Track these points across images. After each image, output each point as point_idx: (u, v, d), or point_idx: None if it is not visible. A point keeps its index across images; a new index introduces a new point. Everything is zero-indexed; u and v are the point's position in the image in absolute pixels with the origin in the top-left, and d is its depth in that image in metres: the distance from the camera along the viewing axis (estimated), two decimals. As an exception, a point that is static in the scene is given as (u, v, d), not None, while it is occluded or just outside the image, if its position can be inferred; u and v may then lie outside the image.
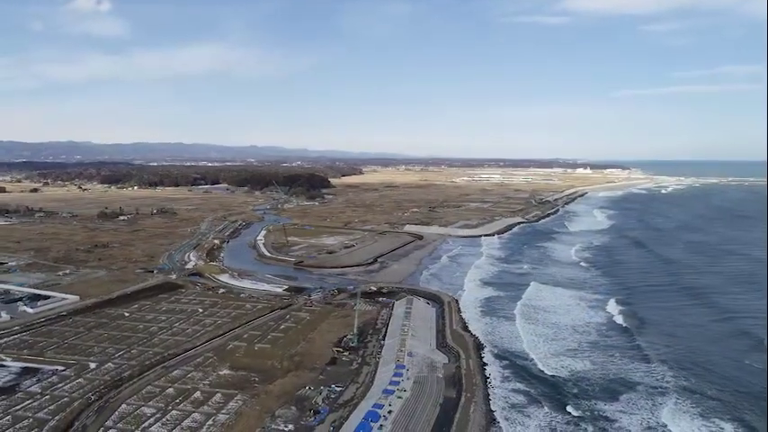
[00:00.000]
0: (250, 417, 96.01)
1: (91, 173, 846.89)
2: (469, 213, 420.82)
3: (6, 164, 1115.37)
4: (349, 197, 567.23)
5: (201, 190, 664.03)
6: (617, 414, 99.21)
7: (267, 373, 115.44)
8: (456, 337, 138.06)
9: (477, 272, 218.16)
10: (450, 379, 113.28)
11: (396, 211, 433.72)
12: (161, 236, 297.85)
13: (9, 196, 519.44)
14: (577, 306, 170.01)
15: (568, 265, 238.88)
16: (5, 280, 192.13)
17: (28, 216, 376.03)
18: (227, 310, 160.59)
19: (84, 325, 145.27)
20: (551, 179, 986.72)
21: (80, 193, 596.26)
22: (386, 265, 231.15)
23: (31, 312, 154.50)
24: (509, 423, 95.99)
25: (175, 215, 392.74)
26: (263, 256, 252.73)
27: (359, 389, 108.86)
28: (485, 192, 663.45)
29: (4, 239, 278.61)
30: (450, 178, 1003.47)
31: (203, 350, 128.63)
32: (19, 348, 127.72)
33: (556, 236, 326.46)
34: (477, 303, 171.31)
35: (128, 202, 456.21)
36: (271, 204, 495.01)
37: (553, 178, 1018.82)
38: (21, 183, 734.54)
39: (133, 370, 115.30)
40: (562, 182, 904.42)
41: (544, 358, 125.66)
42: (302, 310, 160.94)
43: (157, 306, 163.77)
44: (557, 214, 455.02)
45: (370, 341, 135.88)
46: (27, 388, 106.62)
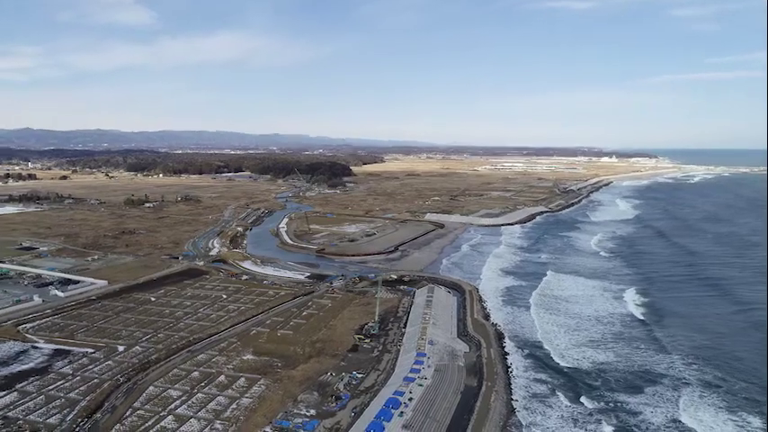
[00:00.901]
0: (273, 401, 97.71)
1: (118, 160, 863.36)
2: (491, 202, 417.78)
3: (37, 152, 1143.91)
4: (370, 185, 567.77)
5: (225, 178, 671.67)
6: (640, 406, 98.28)
7: (290, 358, 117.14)
8: (477, 326, 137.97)
9: (498, 261, 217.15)
10: (471, 368, 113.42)
11: (417, 199, 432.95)
12: (185, 223, 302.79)
13: (40, 183, 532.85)
14: (600, 297, 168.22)
15: (591, 255, 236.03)
16: (37, 265, 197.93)
17: (58, 203, 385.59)
18: (250, 296, 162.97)
19: (112, 309, 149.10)
20: (575, 168, 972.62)
21: (107, 181, 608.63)
22: (407, 254, 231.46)
23: (62, 296, 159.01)
24: (530, 412, 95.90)
25: (199, 202, 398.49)
26: (285, 243, 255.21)
27: (380, 376, 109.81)
28: (507, 180, 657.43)
29: (36, 225, 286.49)
30: (473, 167, 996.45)
31: (227, 335, 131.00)
32: (51, 331, 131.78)
33: (579, 225, 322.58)
34: (498, 293, 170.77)
35: (153, 190, 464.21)
36: (293, 192, 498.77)
37: (577, 167, 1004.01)
38: (51, 170, 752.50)
39: (160, 353, 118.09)
40: (586, 171, 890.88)
41: (566, 349, 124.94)
42: (324, 298, 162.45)
43: (182, 291, 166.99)
44: (580, 204, 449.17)
45: (392, 329, 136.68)
46: (59, 369, 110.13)
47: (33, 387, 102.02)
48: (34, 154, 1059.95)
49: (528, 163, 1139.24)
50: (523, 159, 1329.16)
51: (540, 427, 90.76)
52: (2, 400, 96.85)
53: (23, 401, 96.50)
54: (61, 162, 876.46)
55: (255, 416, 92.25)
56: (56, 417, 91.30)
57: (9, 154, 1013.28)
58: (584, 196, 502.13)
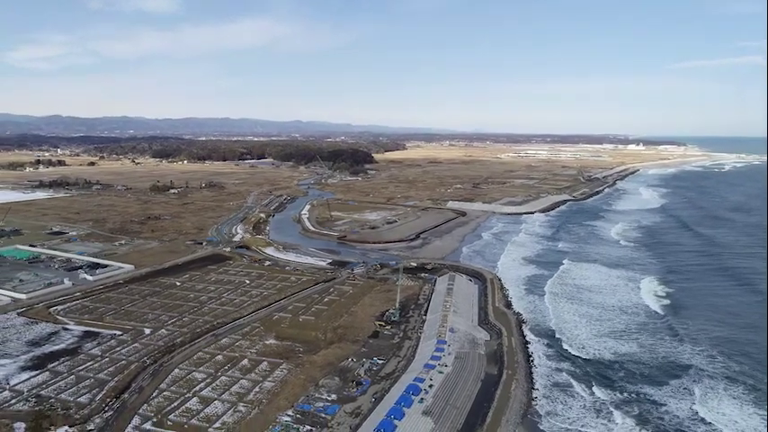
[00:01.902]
0: (295, 385, 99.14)
1: (143, 147, 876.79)
2: (514, 190, 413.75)
3: (66, 138, 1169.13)
4: (392, 173, 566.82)
5: (248, 164, 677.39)
6: (664, 398, 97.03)
7: (311, 343, 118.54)
8: (498, 315, 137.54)
9: (521, 250, 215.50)
10: (491, 356, 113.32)
11: (439, 187, 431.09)
12: (209, 209, 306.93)
13: (69, 169, 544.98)
14: (624, 287, 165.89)
15: (615, 244, 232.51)
16: (67, 249, 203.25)
17: (86, 189, 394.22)
18: (272, 281, 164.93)
19: (138, 293, 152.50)
20: (601, 156, 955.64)
21: (133, 167, 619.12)
22: (428, 242, 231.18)
23: (91, 280, 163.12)
24: (550, 401, 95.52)
25: (223, 189, 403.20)
26: (307, 230, 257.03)
27: (400, 362, 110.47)
28: (531, 168, 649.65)
29: (66, 211, 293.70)
30: (496, 154, 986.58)
31: (250, 320, 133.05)
32: (80, 313, 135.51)
33: (603, 214, 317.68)
34: (520, 281, 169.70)
35: (178, 176, 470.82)
36: (315, 179, 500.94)
37: (603, 155, 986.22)
38: (79, 156, 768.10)
39: (185, 337, 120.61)
40: (612, 159, 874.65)
41: (588, 339, 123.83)
42: (345, 284, 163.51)
43: (207, 276, 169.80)
44: (605, 192, 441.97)
45: (412, 316, 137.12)
46: (88, 350, 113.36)
47: (64, 367, 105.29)
48: (63, 140, 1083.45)
49: (552, 150, 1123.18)
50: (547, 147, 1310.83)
51: (562, 417, 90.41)
52: (35, 379, 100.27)
53: (55, 381, 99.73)
54: (89, 148, 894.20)
55: (278, 399, 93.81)
56: (86, 396, 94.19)
57: (39, 140, 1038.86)
58: (609, 185, 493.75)
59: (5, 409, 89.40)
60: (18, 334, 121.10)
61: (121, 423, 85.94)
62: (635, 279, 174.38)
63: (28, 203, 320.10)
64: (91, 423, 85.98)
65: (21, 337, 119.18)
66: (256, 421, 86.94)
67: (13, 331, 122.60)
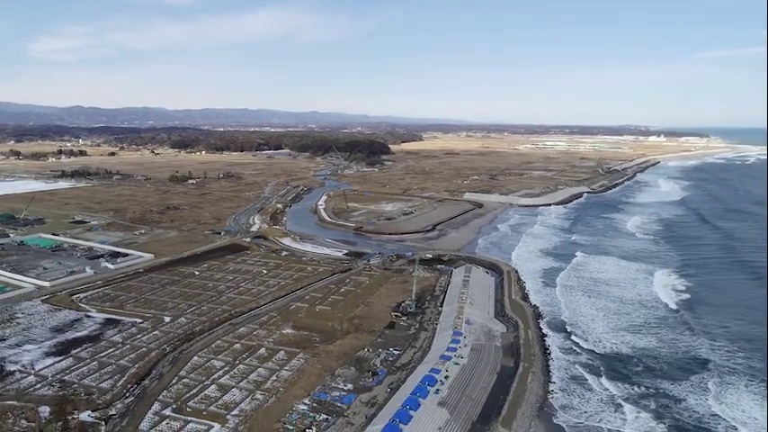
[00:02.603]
0: (311, 374, 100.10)
1: (162, 138, 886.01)
2: (532, 182, 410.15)
3: (87, 129, 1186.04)
4: (408, 164, 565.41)
5: (265, 155, 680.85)
6: (683, 394, 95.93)
7: (327, 333, 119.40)
8: (515, 307, 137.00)
9: (538, 242, 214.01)
10: (508, 348, 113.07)
11: (455, 178, 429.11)
12: (227, 199, 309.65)
13: (90, 159, 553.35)
14: (643, 280, 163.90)
15: (634, 237, 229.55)
16: (89, 238, 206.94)
17: (107, 178, 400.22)
18: (289, 272, 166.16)
19: (158, 281, 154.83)
20: (620, 147, 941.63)
21: (153, 157, 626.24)
22: (444, 233, 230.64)
23: (112, 268, 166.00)
24: (567, 395, 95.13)
25: (240, 179, 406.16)
26: (323, 220, 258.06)
27: (416, 353, 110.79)
28: (549, 160, 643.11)
29: (87, 200, 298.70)
30: (513, 145, 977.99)
31: (267, 309, 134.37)
32: (102, 301, 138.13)
33: (622, 207, 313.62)
34: (537, 274, 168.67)
35: (196, 167, 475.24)
36: (331, 170, 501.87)
37: (623, 146, 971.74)
38: (100, 147, 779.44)
39: (203, 325, 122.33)
40: (632, 150, 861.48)
41: (606, 332, 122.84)
42: (361, 275, 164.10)
43: (225, 266, 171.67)
44: (625, 184, 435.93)
45: (428, 307, 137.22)
46: (110, 337, 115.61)
47: (87, 353, 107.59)
48: (84, 131, 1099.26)
49: (570, 142, 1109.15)
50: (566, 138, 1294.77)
51: (578, 411, 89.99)
52: (59, 365, 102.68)
53: (78, 366, 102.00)
54: (109, 139, 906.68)
55: (295, 388, 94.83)
56: (108, 382, 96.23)
57: (61, 131, 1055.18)
58: (628, 177, 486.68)
59: (31, 394, 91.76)
60: (42, 320, 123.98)
61: (142, 409, 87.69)
62: (654, 273, 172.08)
63: (51, 193, 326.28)
64: (113, 408, 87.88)
65: (45, 324, 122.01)
66: (273, 409, 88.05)
67: (38, 318, 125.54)
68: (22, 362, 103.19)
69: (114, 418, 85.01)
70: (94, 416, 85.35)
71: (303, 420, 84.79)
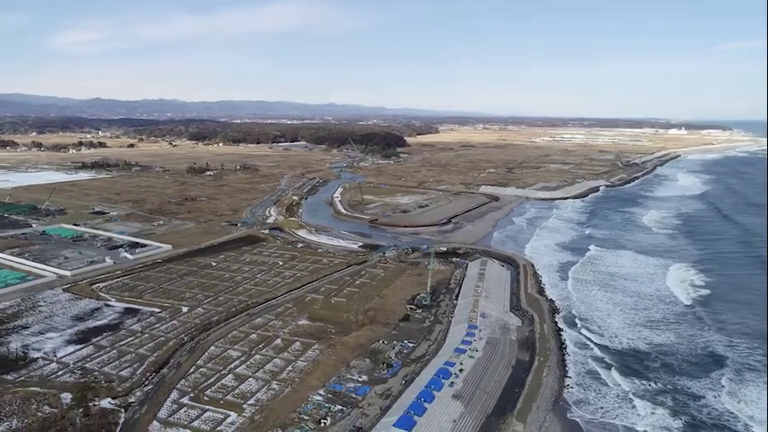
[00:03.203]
0: (327, 365, 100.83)
1: (180, 129, 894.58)
2: (549, 175, 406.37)
3: (107, 120, 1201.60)
4: (424, 156, 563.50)
5: (281, 147, 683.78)
6: (702, 390, 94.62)
7: (343, 325, 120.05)
8: (531, 301, 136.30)
9: (554, 236, 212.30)
10: (523, 342, 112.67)
11: (472, 171, 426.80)
12: (244, 191, 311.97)
13: (109, 151, 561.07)
14: (661, 275, 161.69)
15: (652, 231, 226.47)
16: (108, 228, 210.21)
17: (126, 170, 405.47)
18: (305, 263, 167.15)
19: (176, 272, 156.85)
20: (640, 140, 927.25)
21: (171, 149, 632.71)
22: (460, 226, 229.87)
23: (131, 258, 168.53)
24: (583, 389, 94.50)
25: (257, 171, 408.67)
26: (339, 213, 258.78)
27: (431, 346, 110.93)
28: (566, 153, 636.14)
29: (107, 191, 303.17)
30: (530, 138, 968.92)
31: (283, 300, 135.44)
32: (121, 291, 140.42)
33: (641, 201, 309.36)
34: (553, 268, 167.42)
35: (213, 158, 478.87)
36: (347, 162, 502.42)
37: (642, 139, 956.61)
38: (119, 138, 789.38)
39: (220, 315, 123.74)
40: (652, 143, 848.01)
41: (623, 327, 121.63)
42: (377, 267, 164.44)
43: (241, 257, 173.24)
44: (644, 178, 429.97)
45: (443, 300, 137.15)
46: (129, 326, 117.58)
47: (107, 342, 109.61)
48: (104, 123, 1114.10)
49: (589, 135, 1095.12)
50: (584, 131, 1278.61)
51: (594, 406, 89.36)
52: (80, 353, 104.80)
53: (99, 354, 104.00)
54: (128, 131, 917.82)
55: (310, 378, 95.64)
56: (127, 370, 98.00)
57: (81, 123, 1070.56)
58: (648, 170, 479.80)
59: (53, 381, 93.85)
60: (64, 309, 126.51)
61: (161, 397, 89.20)
62: (672, 268, 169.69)
63: (71, 184, 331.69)
64: (132, 396, 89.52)
65: (66, 312, 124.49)
66: (289, 399, 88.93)
67: (59, 306, 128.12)
68: (45, 349, 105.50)
69: (134, 406, 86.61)
70: (114, 403, 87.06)
71: (318, 411, 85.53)
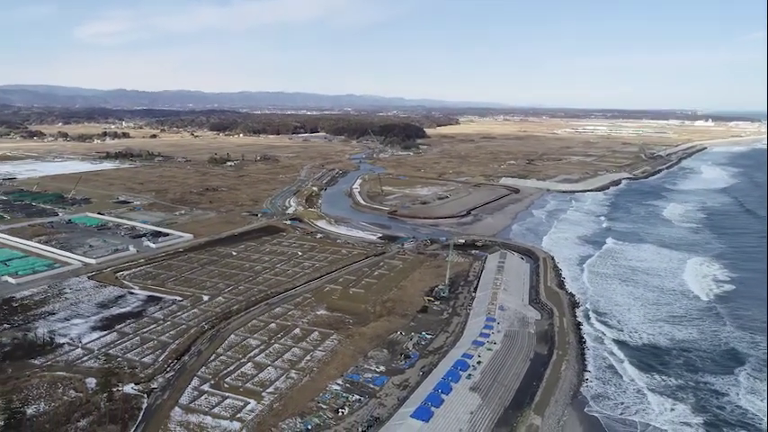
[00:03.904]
0: (345, 355, 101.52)
1: (201, 120, 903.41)
2: (570, 167, 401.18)
3: (129, 111, 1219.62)
4: (444, 148, 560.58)
5: (301, 138, 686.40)
6: (726, 387, 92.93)
7: (361, 316, 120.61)
8: (550, 294, 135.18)
9: (575, 228, 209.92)
10: (542, 335, 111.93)
11: (492, 162, 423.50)
12: (264, 181, 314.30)
13: (132, 141, 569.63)
14: (685, 270, 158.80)
15: (676, 225, 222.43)
16: (132, 217, 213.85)
17: (149, 160, 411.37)
18: (324, 254, 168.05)
19: (197, 261, 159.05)
20: (665, 132, 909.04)
21: (192, 140, 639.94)
22: (479, 218, 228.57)
23: (154, 247, 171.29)
24: (602, 384, 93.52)
25: (277, 162, 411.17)
26: (358, 204, 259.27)
27: (449, 338, 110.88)
28: (588, 144, 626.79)
29: (130, 181, 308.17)
30: (552, 129, 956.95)
31: (302, 291, 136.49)
32: (144, 279, 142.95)
33: (665, 194, 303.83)
34: (573, 261, 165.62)
35: (234, 149, 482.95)
36: (366, 153, 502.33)
37: (668, 131, 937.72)
38: (142, 129, 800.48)
39: (240, 305, 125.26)
40: (678, 135, 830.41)
41: (644, 323, 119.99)
42: (395, 259, 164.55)
43: (261, 247, 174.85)
44: (669, 170, 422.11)
45: (461, 292, 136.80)
46: (152, 314, 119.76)
47: (130, 329, 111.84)
48: (127, 113, 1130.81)
49: (612, 126, 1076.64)
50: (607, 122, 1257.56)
51: (614, 401, 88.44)
52: (104, 339, 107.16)
53: (122, 341, 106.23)
54: (151, 122, 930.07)
55: (328, 368, 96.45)
56: (149, 356, 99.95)
57: (106, 113, 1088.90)
58: (673, 163, 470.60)
59: (78, 366, 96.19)
60: (89, 296, 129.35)
61: (182, 383, 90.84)
62: (695, 262, 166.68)
63: (96, 173, 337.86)
64: (154, 382, 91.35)
65: (91, 299, 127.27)
66: (307, 388, 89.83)
67: (85, 293, 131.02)
68: (71, 335, 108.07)
69: (156, 392, 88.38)
70: (137, 389, 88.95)
71: (336, 400, 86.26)
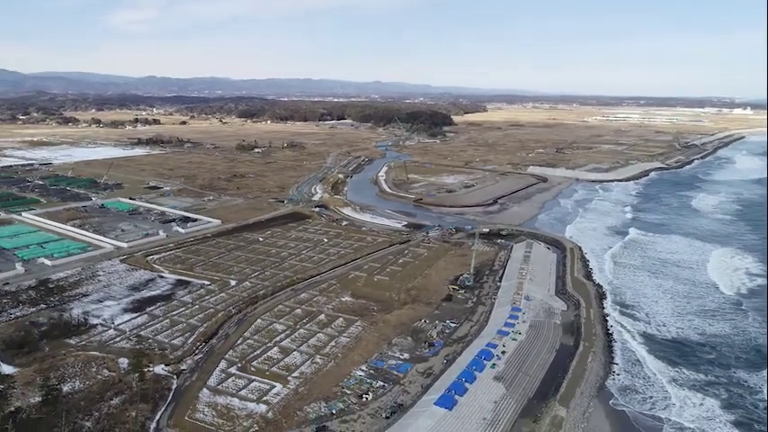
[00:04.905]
0: (369, 342, 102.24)
1: (230, 107, 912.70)
2: (601, 156, 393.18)
3: (160, 98, 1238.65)
4: (471, 135, 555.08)
5: (327, 125, 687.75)
6: (760, 384, 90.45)
7: (385, 303, 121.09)
8: (577, 285, 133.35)
9: (604, 219, 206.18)
10: (568, 326, 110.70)
11: (519, 151, 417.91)
12: (290, 168, 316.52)
13: (163, 128, 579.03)
14: (718, 264, 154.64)
15: (710, 217, 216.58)
16: (162, 203, 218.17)
17: (178, 146, 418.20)
18: (349, 241, 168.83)
19: (225, 246, 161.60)
20: (701, 120, 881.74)
21: (221, 126, 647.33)
22: (506, 207, 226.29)
23: (183, 232, 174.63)
24: (630, 376, 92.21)
25: (303, 149, 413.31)
26: (383, 191, 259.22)
27: (473, 327, 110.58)
28: (620, 133, 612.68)
29: (160, 167, 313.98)
30: (582, 117, 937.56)
31: (327, 277, 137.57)
32: (174, 263, 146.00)
33: (699, 184, 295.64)
34: (602, 252, 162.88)
35: (261, 136, 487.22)
36: (392, 141, 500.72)
37: (703, 119, 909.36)
38: (172, 116, 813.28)
39: (267, 290, 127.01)
40: (714, 124, 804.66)
41: (674, 316, 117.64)
42: (420, 247, 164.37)
43: (287, 234, 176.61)
44: (704, 160, 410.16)
45: (487, 282, 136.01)
46: (181, 297, 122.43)
47: (160, 311, 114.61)
48: (157, 100, 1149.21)
49: (645, 114, 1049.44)
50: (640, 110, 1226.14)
51: (641, 395, 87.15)
52: (135, 321, 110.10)
53: (152, 323, 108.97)
54: (181, 108, 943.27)
55: (352, 354, 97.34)
56: (179, 339, 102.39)
57: (137, 100, 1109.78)
58: (708, 152, 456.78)
59: (111, 346, 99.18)
60: (121, 279, 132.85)
61: (210, 366, 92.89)
62: (729, 255, 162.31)
63: (128, 159, 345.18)
64: (183, 363, 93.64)
65: (123, 282, 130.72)
66: (332, 373, 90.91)
67: (117, 276, 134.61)
68: (104, 316, 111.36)
69: (185, 373, 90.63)
70: (167, 370, 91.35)
71: (360, 386, 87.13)
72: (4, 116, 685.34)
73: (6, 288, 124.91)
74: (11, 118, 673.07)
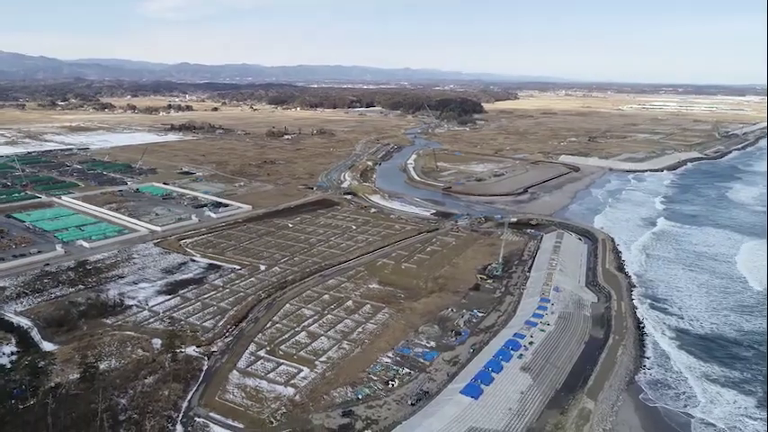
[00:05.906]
0: (396, 329, 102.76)
1: (260, 94, 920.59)
2: (636, 145, 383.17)
3: (192, 85, 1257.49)
4: (501, 123, 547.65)
5: (357, 112, 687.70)
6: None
7: (412, 291, 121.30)
8: (608, 277, 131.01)
9: (638, 210, 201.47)
10: (598, 319, 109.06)
11: (551, 139, 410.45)
12: (320, 155, 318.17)
13: (195, 114, 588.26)
14: (757, 257, 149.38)
15: (749, 209, 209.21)
16: (194, 188, 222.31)
17: (210, 132, 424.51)
18: (377, 228, 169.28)
19: (255, 232, 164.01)
20: (742, 109, 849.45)
21: (251, 113, 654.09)
22: (536, 197, 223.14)
23: (214, 217, 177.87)
24: (662, 371, 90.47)
25: (333, 136, 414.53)
26: (412, 179, 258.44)
27: (500, 317, 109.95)
28: (656, 122, 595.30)
29: (193, 153, 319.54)
30: (617, 105, 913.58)
31: (355, 264, 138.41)
32: (205, 247, 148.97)
33: (739, 175, 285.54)
34: (635, 244, 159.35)
35: (291, 123, 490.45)
36: (422, 128, 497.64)
37: (745, 108, 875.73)
38: (204, 102, 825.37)
39: (295, 275, 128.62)
40: (756, 113, 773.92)
41: (709, 311, 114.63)
42: (448, 235, 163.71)
43: (316, 220, 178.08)
44: (744, 150, 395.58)
45: (515, 272, 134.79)
46: (212, 281, 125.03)
47: (192, 294, 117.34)
48: (190, 87, 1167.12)
49: (683, 102, 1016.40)
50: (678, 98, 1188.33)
51: (674, 390, 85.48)
52: (168, 303, 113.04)
53: (185, 306, 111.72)
54: (212, 95, 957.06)
55: (379, 341, 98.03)
56: (210, 321, 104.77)
57: (170, 87, 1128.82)
58: (749, 142, 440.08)
59: (145, 327, 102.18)
60: (155, 262, 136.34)
61: (240, 348, 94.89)
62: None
63: (162, 145, 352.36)
64: (214, 345, 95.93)
65: (157, 265, 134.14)
66: (359, 359, 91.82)
67: (151, 259, 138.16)
68: (138, 298, 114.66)
69: (216, 355, 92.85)
70: (199, 351, 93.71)
71: (386, 372, 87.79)
72: (44, 102, 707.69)
73: (47, 268, 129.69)
74: (51, 104, 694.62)
